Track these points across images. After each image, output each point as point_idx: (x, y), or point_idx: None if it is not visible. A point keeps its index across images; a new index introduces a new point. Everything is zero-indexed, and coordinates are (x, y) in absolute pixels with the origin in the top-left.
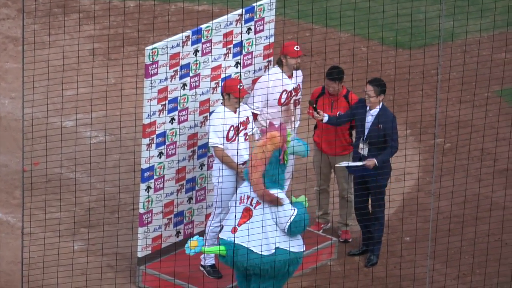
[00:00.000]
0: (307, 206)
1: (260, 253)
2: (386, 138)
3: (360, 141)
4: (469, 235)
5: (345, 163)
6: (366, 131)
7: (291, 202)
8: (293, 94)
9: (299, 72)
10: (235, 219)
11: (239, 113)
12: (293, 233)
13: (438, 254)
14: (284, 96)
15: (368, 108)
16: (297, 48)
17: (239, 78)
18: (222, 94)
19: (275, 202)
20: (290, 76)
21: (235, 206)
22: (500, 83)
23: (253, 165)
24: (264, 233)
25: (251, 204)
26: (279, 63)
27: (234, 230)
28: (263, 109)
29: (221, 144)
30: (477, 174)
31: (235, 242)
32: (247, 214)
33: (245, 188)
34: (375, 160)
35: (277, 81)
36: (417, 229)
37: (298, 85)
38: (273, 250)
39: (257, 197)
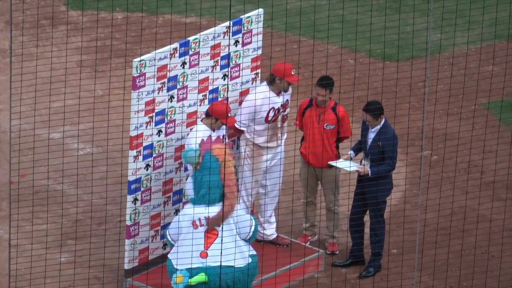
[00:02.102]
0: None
1: (240, 265)
2: (384, 155)
3: (363, 157)
4: (456, 247)
5: (334, 163)
6: (368, 146)
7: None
8: (281, 110)
9: (289, 89)
10: (197, 244)
11: (227, 128)
12: (251, 241)
13: (425, 267)
14: (271, 113)
15: (370, 127)
16: (294, 72)
17: (223, 91)
18: (207, 114)
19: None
20: (278, 94)
21: (187, 233)
22: (487, 95)
23: (234, 183)
24: (238, 245)
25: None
26: (271, 82)
27: (204, 255)
28: (249, 125)
29: None
30: (464, 187)
31: (214, 265)
32: (212, 234)
33: (190, 211)
34: (368, 170)
35: (265, 99)
36: (404, 241)
37: (287, 100)
38: (250, 259)
39: (226, 212)
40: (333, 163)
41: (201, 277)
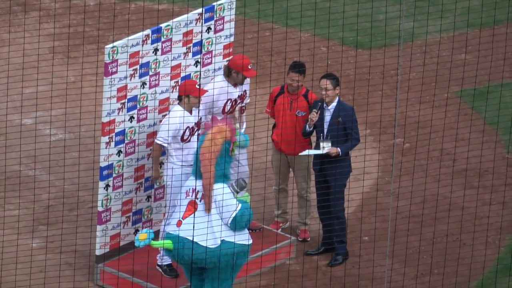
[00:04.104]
0: (249, 201)
1: (204, 245)
2: (347, 131)
3: (320, 140)
4: (427, 235)
5: (306, 152)
6: (326, 128)
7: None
8: (238, 101)
9: (246, 79)
10: (179, 212)
11: (198, 111)
12: (236, 228)
13: (397, 254)
14: (228, 105)
15: (325, 105)
16: (250, 66)
17: (195, 78)
18: (180, 98)
19: (208, 200)
20: (235, 85)
21: (180, 200)
22: (459, 84)
23: (207, 158)
24: (210, 226)
25: (196, 197)
26: (227, 74)
27: (179, 224)
28: (207, 116)
29: (166, 143)
30: (436, 174)
31: (181, 236)
32: (192, 207)
33: (191, 182)
34: (339, 149)
35: (222, 91)
36: (376, 228)
37: (245, 91)
38: (219, 243)
39: (203, 189)
40: (304, 153)
41: (167, 244)
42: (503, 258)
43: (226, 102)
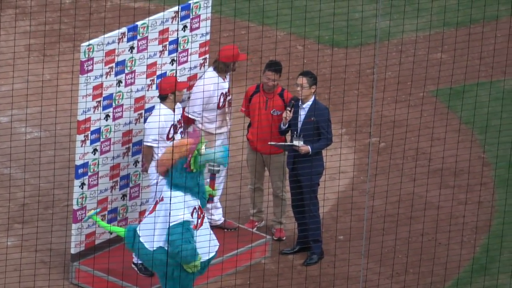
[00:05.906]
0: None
1: (143, 243)
2: (320, 130)
3: (294, 138)
4: (403, 234)
5: (277, 144)
6: (300, 126)
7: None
8: (227, 95)
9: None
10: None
11: (175, 110)
12: (172, 239)
13: (372, 253)
14: (222, 99)
15: (300, 103)
16: (240, 51)
17: (173, 75)
18: (163, 97)
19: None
20: (225, 78)
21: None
22: (435, 83)
23: (160, 164)
24: (153, 227)
25: (161, 199)
26: (224, 69)
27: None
28: (200, 113)
29: (156, 144)
30: (412, 174)
31: (137, 230)
32: (154, 207)
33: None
34: (309, 147)
35: (215, 86)
36: (351, 227)
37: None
38: (154, 248)
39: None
40: (277, 144)
41: (118, 229)
42: (479, 258)
43: (220, 97)
